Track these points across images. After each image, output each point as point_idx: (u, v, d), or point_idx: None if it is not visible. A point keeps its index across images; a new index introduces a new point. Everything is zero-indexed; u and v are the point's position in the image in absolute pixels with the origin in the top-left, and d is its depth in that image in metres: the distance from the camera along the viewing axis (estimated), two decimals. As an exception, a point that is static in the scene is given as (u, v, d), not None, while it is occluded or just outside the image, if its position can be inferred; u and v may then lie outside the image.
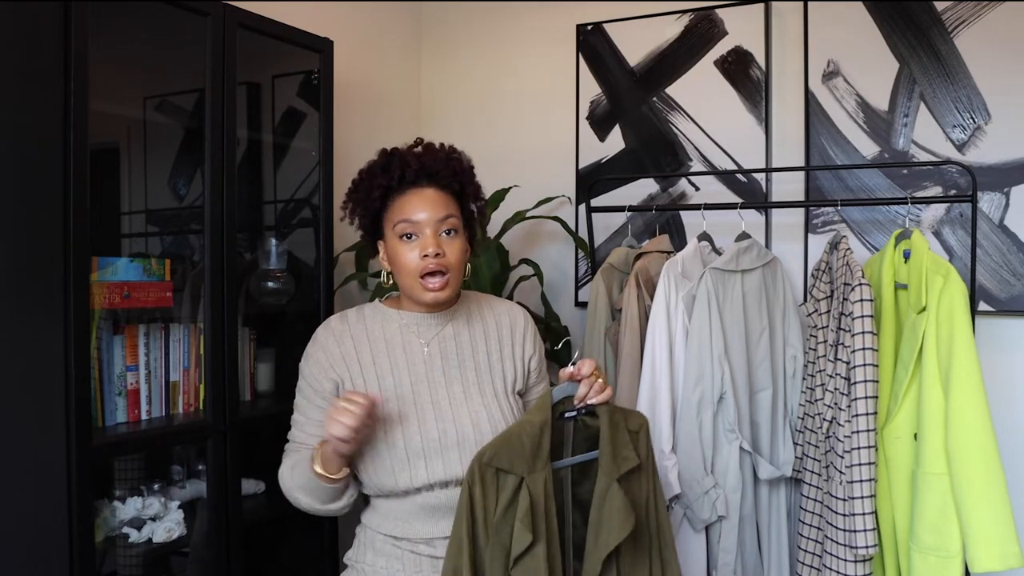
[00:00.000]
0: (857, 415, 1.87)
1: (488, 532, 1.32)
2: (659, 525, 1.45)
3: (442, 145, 1.49)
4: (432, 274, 1.40)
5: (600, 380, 1.41)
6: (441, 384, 1.46)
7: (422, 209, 1.41)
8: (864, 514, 1.85)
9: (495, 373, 1.51)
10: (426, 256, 1.39)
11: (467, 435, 1.42)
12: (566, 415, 1.41)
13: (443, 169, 1.45)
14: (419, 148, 1.47)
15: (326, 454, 1.35)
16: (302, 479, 1.39)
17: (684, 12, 2.60)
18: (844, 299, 1.95)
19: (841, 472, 1.90)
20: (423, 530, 1.41)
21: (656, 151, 2.65)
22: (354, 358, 1.45)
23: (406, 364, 1.46)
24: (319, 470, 1.35)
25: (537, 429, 1.36)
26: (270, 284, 2.07)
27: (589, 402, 1.41)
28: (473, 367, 1.49)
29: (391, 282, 1.49)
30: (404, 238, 1.41)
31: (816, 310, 2.11)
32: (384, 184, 1.43)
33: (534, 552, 1.30)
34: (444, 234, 1.42)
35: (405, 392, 1.44)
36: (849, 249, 2.03)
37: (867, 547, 1.85)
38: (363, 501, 1.51)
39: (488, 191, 2.65)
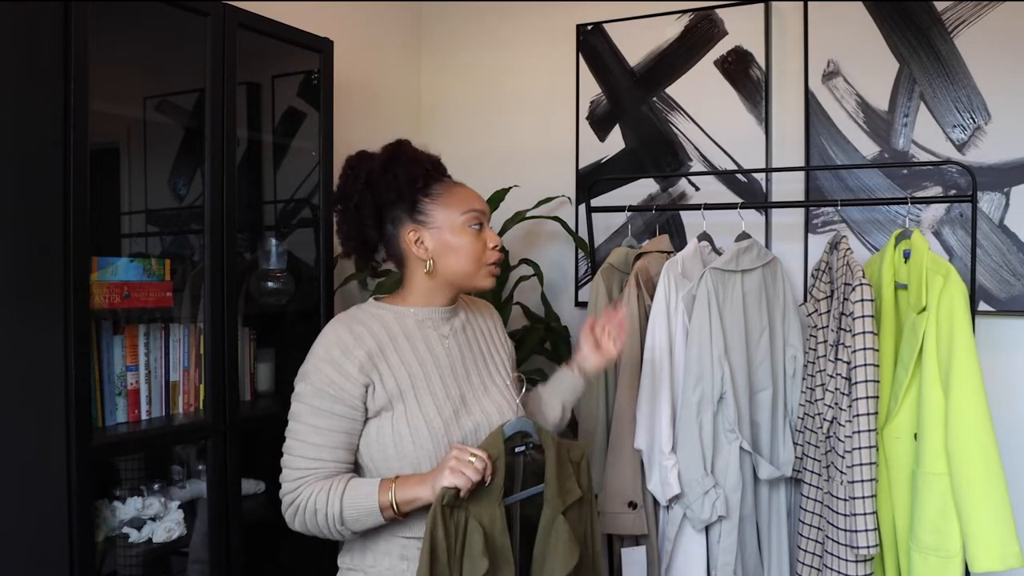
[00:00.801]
0: (858, 415, 1.87)
1: (451, 568, 1.30)
2: (595, 558, 1.46)
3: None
4: (495, 263, 1.46)
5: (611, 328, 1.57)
6: (464, 377, 1.46)
7: (481, 202, 1.47)
8: (865, 514, 1.85)
9: (499, 363, 1.54)
10: (494, 247, 1.45)
11: (495, 425, 1.41)
12: (516, 451, 1.39)
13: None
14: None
15: (408, 494, 1.30)
16: (361, 502, 1.31)
17: (684, 12, 2.60)
18: (844, 299, 1.95)
19: (842, 472, 1.90)
20: None
21: (656, 151, 2.65)
22: (381, 358, 1.38)
23: (432, 360, 1.43)
24: (398, 499, 1.29)
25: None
26: (270, 284, 2.07)
27: (612, 349, 1.55)
28: (483, 358, 1.51)
29: (428, 269, 1.43)
30: (474, 227, 1.44)
31: (816, 310, 2.11)
32: (425, 171, 1.43)
33: None
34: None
35: (436, 388, 1.41)
36: (849, 249, 2.03)
37: (868, 547, 1.85)
38: None
39: (488, 191, 2.68)
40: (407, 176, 1.40)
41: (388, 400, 1.37)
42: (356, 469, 1.41)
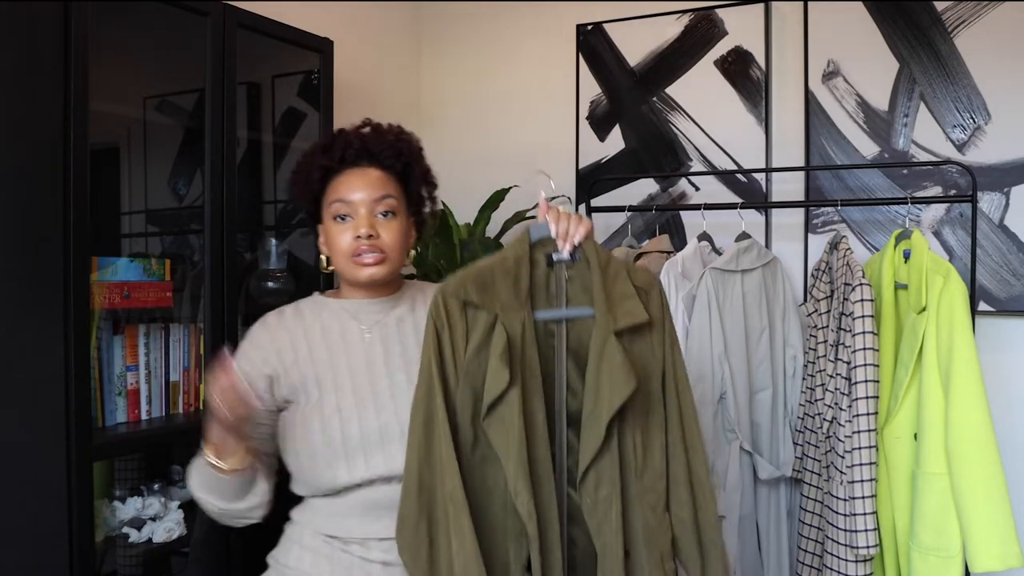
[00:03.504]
0: (858, 415, 1.87)
1: (458, 374, 1.18)
2: (680, 398, 1.26)
3: (390, 126, 1.43)
4: (365, 252, 1.34)
5: (576, 215, 1.29)
6: (383, 374, 1.36)
7: (357, 189, 1.35)
8: (865, 514, 1.85)
9: None
10: (358, 237, 1.32)
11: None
12: (554, 257, 1.22)
13: (386, 149, 1.39)
14: (367, 129, 1.41)
15: (214, 445, 1.26)
16: (201, 473, 1.30)
17: (684, 12, 2.60)
18: (844, 299, 1.95)
19: (842, 472, 1.90)
20: (358, 529, 1.32)
21: (656, 151, 2.65)
22: (288, 350, 1.37)
23: (344, 352, 1.37)
24: (212, 459, 1.26)
25: (511, 263, 1.20)
26: (270, 284, 2.07)
27: (575, 239, 1.24)
28: (417, 356, 1.36)
29: (330, 268, 1.41)
30: (338, 219, 1.35)
31: (816, 310, 2.11)
32: (324, 164, 1.37)
33: (507, 398, 1.15)
34: (380, 216, 1.35)
35: (343, 381, 1.35)
36: (849, 249, 2.03)
37: (868, 547, 1.85)
38: (296, 499, 1.43)
39: (488, 191, 2.68)
40: (307, 173, 1.38)
41: (291, 392, 1.35)
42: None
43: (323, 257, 1.42)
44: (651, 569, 1.22)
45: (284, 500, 1.42)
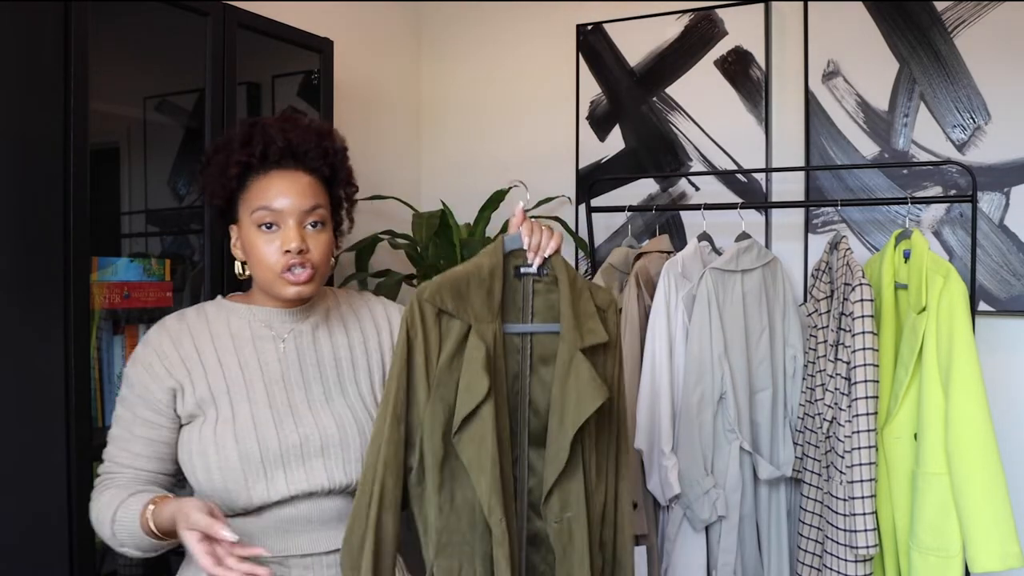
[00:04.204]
0: (857, 415, 1.87)
1: (429, 385, 1.14)
2: (619, 420, 1.27)
3: (311, 121, 1.31)
4: (295, 266, 1.23)
5: (547, 228, 1.24)
6: (299, 385, 1.27)
7: (285, 195, 1.22)
8: (864, 514, 1.85)
9: (360, 370, 1.33)
10: (288, 252, 1.21)
11: (331, 439, 1.24)
12: (522, 270, 1.20)
13: (313, 150, 1.27)
14: (287, 124, 1.28)
15: (165, 519, 1.12)
16: (128, 524, 1.17)
17: (684, 12, 2.60)
18: (844, 299, 1.95)
19: (841, 472, 1.90)
20: (276, 547, 1.22)
21: (656, 151, 2.65)
22: (196, 360, 1.24)
23: (258, 363, 1.27)
24: (154, 527, 1.14)
25: (486, 273, 1.17)
26: (270, 284, 2.06)
27: (545, 252, 1.21)
28: (334, 366, 1.31)
29: (247, 273, 1.30)
30: (263, 228, 1.23)
31: (816, 310, 2.11)
32: (243, 160, 1.24)
33: (481, 413, 1.11)
34: (310, 227, 1.24)
35: (258, 395, 1.25)
36: (849, 249, 2.03)
37: (867, 547, 1.85)
38: None
39: (488, 191, 2.69)
40: (221, 167, 1.26)
41: (197, 405, 1.24)
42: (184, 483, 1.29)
43: (239, 263, 1.31)
44: None
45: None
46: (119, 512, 1.18)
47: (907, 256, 1.96)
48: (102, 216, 1.79)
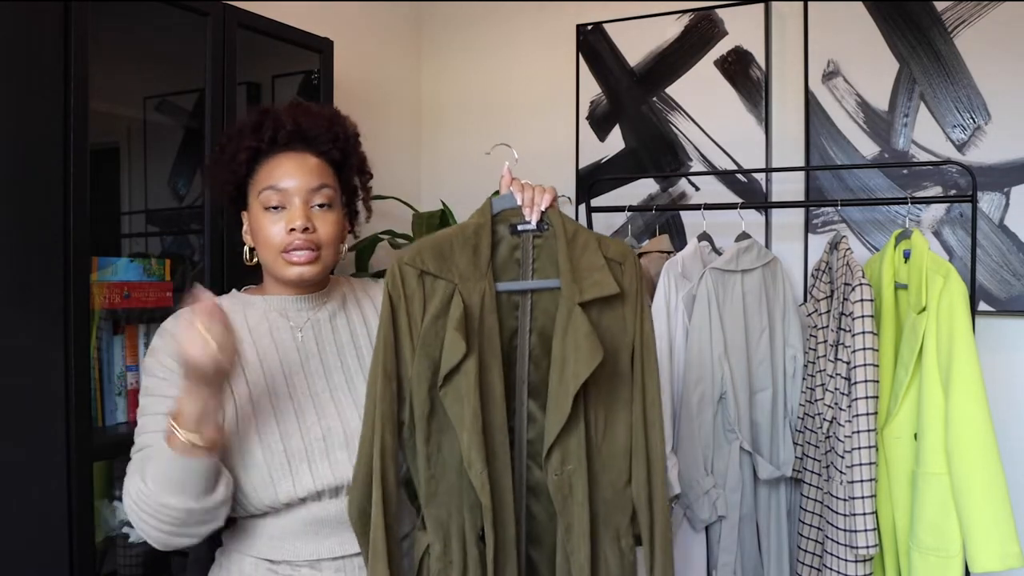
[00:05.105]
0: (857, 415, 1.87)
1: (414, 344, 1.14)
2: (645, 373, 1.23)
3: (323, 107, 1.32)
4: (298, 249, 1.22)
5: (539, 185, 1.23)
6: (319, 374, 1.26)
7: (292, 176, 1.22)
8: (864, 514, 1.85)
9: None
10: (292, 230, 1.21)
11: (355, 430, 1.22)
12: (519, 227, 1.19)
13: (323, 134, 1.27)
14: (297, 108, 1.29)
15: (189, 414, 1.06)
16: (165, 471, 1.08)
17: (684, 12, 2.60)
18: (844, 299, 1.95)
19: (841, 472, 1.90)
20: (306, 550, 1.20)
21: (656, 151, 2.65)
22: None
23: (276, 353, 1.25)
24: (187, 435, 1.06)
25: (471, 232, 1.17)
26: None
27: (541, 206, 1.21)
28: (354, 352, 1.30)
29: (254, 260, 1.29)
30: (270, 210, 1.22)
31: (816, 310, 2.11)
32: (252, 145, 1.24)
33: (464, 368, 1.11)
34: (316, 207, 1.24)
35: (279, 385, 1.23)
36: (849, 249, 2.03)
37: (867, 547, 1.85)
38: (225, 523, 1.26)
39: (488, 191, 2.67)
40: (232, 154, 1.26)
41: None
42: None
43: (247, 249, 1.31)
44: (607, 545, 1.21)
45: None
46: (147, 467, 1.11)
47: (907, 256, 1.96)
48: (102, 216, 1.79)
